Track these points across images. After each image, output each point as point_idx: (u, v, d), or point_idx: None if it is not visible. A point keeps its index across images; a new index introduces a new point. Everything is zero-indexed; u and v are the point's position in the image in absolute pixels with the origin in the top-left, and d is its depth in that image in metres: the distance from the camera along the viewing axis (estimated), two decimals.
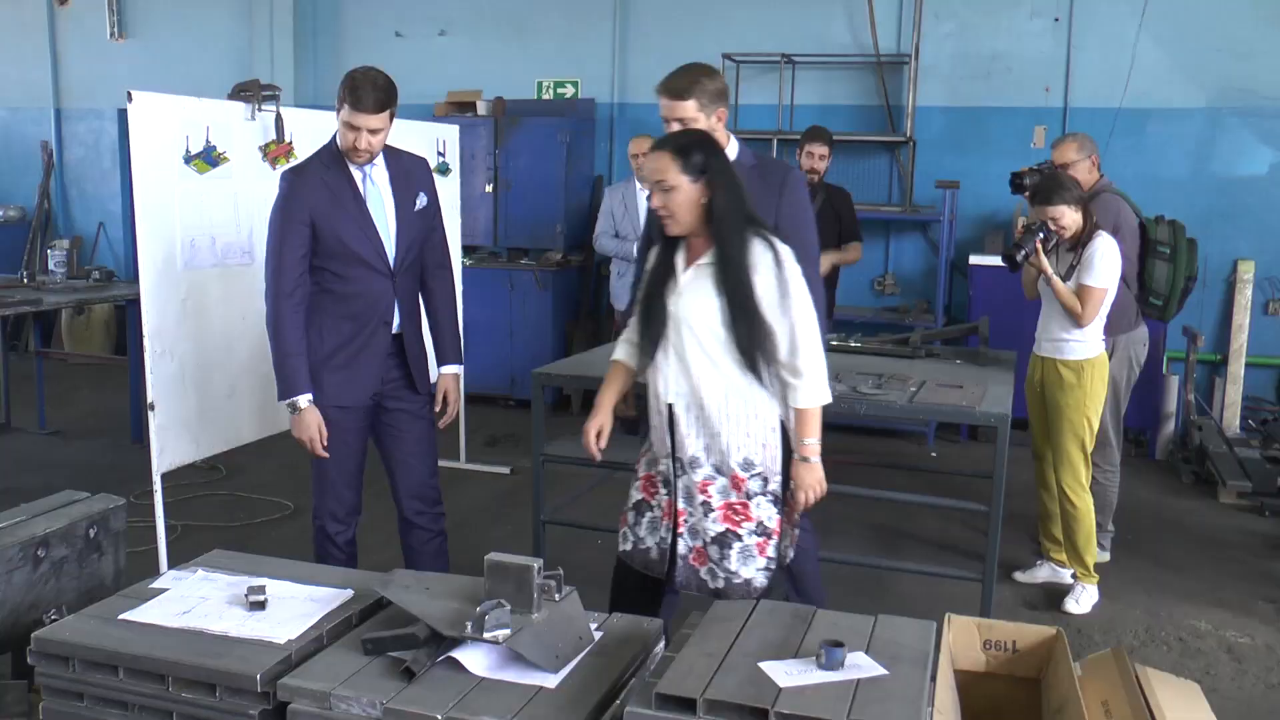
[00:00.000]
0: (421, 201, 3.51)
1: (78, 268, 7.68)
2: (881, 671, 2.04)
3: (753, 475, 2.89)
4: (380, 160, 3.43)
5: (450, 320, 3.68)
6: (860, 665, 2.05)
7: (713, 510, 2.89)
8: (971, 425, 6.79)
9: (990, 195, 7.12)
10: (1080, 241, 4.25)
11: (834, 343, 4.94)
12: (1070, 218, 4.22)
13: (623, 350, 3.16)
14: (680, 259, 2.92)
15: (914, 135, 7.31)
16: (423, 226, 3.52)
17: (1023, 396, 4.42)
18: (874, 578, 4.59)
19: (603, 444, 3.10)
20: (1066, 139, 4.93)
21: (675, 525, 2.93)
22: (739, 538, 2.88)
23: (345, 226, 3.34)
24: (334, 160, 3.38)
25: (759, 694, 1.93)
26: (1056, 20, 7.13)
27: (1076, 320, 4.22)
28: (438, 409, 3.63)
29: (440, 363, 3.66)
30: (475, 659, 2.10)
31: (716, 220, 2.82)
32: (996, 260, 6.81)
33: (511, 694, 2.01)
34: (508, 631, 2.09)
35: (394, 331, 3.48)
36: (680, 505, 2.93)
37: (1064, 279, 4.25)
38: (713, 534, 2.89)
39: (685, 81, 3.20)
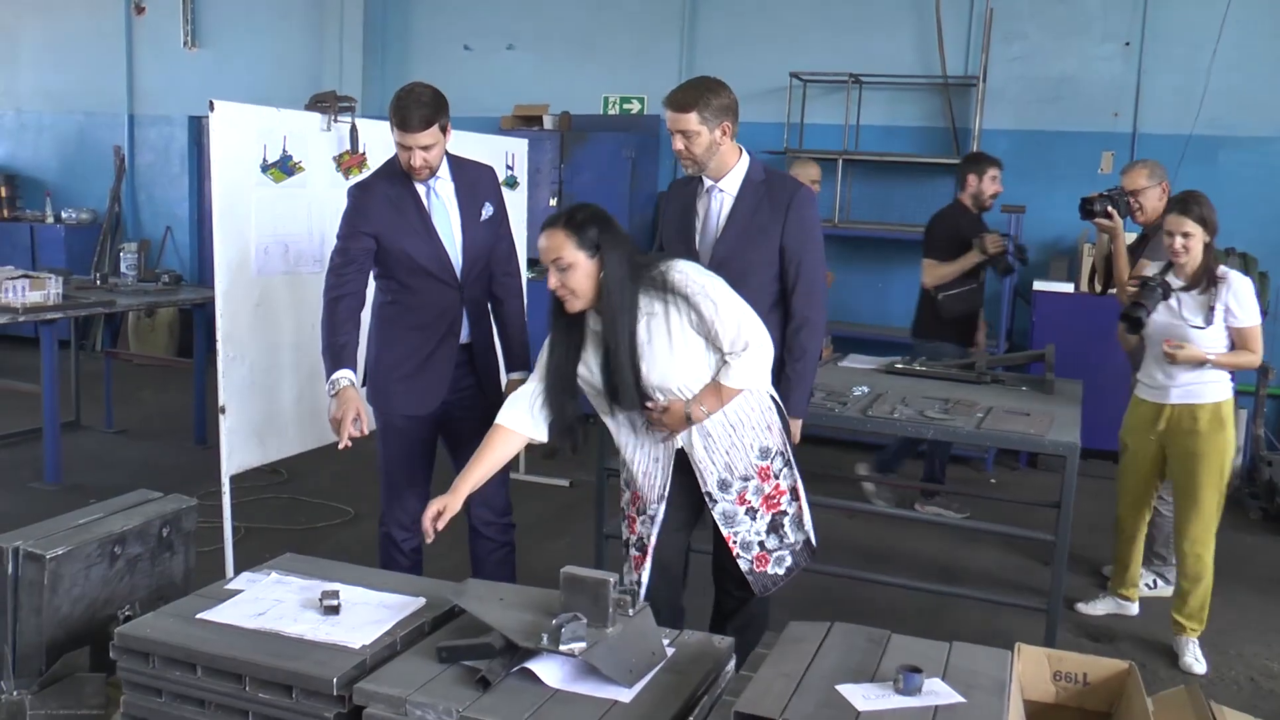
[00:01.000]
0: (488, 211, 3.51)
1: (145, 270, 7.82)
2: (959, 699, 2.01)
3: (772, 458, 2.99)
4: (445, 172, 3.45)
5: (518, 328, 3.69)
6: (938, 692, 2.03)
7: (757, 511, 2.99)
8: (1031, 453, 6.72)
9: (1056, 221, 7.04)
10: (1205, 279, 3.97)
11: (898, 365, 4.92)
12: (1199, 243, 3.93)
13: (513, 414, 2.94)
14: (592, 332, 2.92)
15: None
16: (489, 236, 3.53)
17: (1089, 427, 4.33)
18: (929, 603, 4.54)
19: (440, 525, 2.77)
20: (1137, 165, 4.87)
21: (728, 549, 3.01)
22: (785, 514, 3.03)
23: (410, 241, 3.37)
24: (398, 175, 3.40)
25: (837, 717, 1.91)
26: (1127, 44, 7.05)
27: (1251, 366, 4.05)
28: None
29: (509, 370, 3.67)
30: (550, 671, 2.09)
31: (603, 293, 2.79)
32: (1061, 286, 6.79)
33: (586, 707, 2.01)
34: (584, 644, 2.09)
35: (463, 341, 3.50)
36: (724, 532, 3.00)
37: (1204, 325, 3.97)
38: (765, 528, 3.01)
39: (689, 95, 3.19)
